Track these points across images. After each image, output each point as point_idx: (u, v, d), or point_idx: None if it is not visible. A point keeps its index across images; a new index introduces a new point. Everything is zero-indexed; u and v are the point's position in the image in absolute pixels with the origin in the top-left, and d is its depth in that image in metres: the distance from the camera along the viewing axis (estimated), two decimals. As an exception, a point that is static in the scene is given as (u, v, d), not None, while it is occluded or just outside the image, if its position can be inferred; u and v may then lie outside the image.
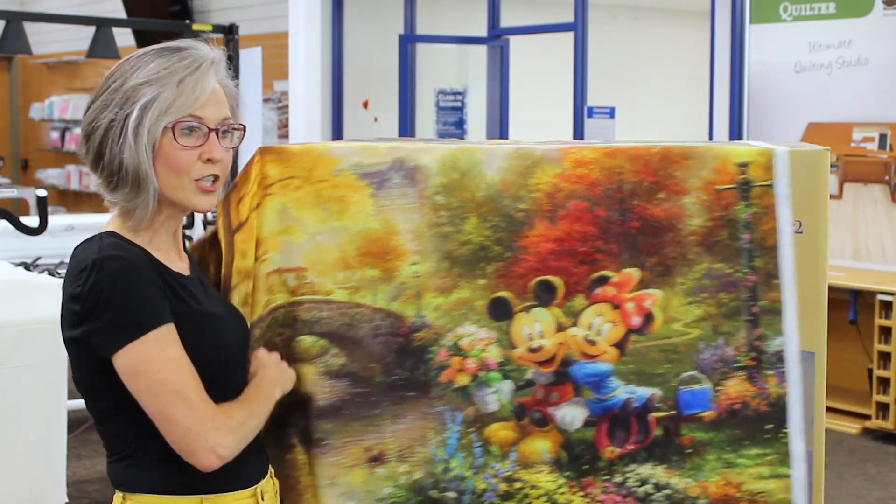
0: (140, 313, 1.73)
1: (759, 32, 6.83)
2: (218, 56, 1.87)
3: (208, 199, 1.85)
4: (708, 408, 1.94)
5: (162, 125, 1.79)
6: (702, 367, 1.94)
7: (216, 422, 1.76)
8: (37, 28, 10.99)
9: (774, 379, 1.94)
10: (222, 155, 1.84)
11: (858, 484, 5.09)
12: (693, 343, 1.94)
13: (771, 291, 1.93)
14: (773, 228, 1.93)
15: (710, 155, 1.93)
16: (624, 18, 10.49)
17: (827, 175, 1.97)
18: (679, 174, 1.92)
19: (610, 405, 1.94)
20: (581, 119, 7.47)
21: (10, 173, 12.97)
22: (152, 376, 1.73)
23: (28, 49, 6.90)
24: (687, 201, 1.93)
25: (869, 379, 5.97)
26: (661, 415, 1.94)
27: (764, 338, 1.94)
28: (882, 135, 6.27)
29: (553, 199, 1.93)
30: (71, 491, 4.03)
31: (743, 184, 1.93)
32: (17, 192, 8.45)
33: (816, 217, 1.96)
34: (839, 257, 6.33)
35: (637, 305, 1.94)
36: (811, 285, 1.96)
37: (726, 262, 1.93)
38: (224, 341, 1.86)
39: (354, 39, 8.79)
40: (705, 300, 1.94)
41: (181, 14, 10.28)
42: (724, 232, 1.93)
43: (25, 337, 3.49)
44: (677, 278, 1.94)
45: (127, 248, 1.79)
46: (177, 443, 1.75)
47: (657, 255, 1.93)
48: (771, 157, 1.93)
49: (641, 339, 1.94)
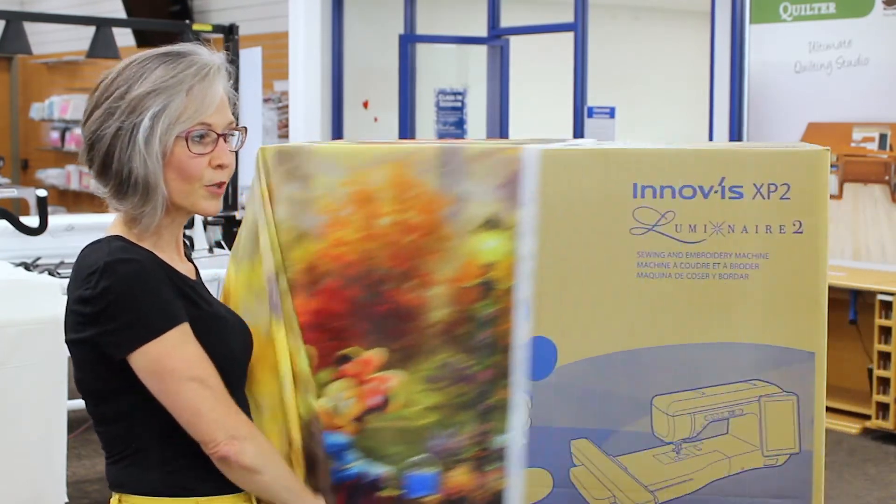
0: (158, 313, 1.76)
1: (759, 32, 6.83)
2: (221, 61, 1.88)
3: (216, 202, 1.89)
4: (434, 492, 2.01)
5: (174, 134, 1.80)
6: (433, 452, 2.00)
7: (240, 418, 1.81)
8: (37, 28, 10.99)
9: (496, 474, 2.00)
10: (231, 160, 1.87)
11: (858, 484, 5.09)
12: (427, 428, 2.00)
13: (502, 389, 1.99)
14: (510, 329, 1.98)
15: (459, 252, 1.99)
16: (624, 18, 10.50)
17: (827, 175, 1.97)
18: (428, 266, 1.98)
19: (346, 476, 2.01)
20: (581, 119, 7.47)
21: (10, 173, 12.98)
22: (177, 372, 1.76)
23: (28, 49, 6.90)
24: (434, 293, 1.99)
25: (869, 379, 5.97)
26: (388, 494, 2.01)
27: (491, 432, 2.00)
28: (882, 135, 6.27)
29: (311, 274, 2.00)
30: (71, 491, 4.03)
31: (485, 284, 1.98)
32: (17, 192, 8.45)
33: (816, 217, 1.96)
34: (839, 257, 6.33)
35: (377, 385, 2.00)
36: (811, 285, 1.96)
37: (464, 355, 1.99)
38: (230, 345, 1.88)
39: (354, 39, 8.79)
40: (442, 389, 2.00)
41: (181, 14, 10.28)
42: (465, 327, 1.99)
43: (25, 337, 3.49)
44: (418, 364, 2.00)
45: (136, 251, 1.80)
46: (203, 433, 1.78)
47: (401, 340, 2.00)
48: (512, 263, 1.97)
49: (379, 418, 2.00)
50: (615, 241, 1.98)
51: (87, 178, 12.08)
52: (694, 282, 1.97)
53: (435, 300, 2.00)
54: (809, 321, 1.96)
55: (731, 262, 1.97)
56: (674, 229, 1.97)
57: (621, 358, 1.99)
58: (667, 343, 1.98)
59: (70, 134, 12.50)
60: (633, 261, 1.98)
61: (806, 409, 1.97)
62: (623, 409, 1.99)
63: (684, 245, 1.97)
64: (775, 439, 1.98)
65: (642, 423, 1.99)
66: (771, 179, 1.95)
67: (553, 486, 2.01)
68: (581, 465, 2.00)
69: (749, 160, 1.97)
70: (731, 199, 1.96)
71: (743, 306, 1.97)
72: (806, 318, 1.96)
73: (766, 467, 1.99)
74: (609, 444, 1.99)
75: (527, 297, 1.98)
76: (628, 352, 1.98)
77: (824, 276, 1.97)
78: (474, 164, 1.98)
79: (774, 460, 1.99)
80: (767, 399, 1.98)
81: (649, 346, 1.98)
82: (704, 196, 1.96)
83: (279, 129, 9.52)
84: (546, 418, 2.00)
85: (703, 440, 1.99)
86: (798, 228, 1.95)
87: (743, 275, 1.97)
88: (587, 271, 1.98)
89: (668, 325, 1.98)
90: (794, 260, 1.96)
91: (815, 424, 1.97)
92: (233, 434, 1.78)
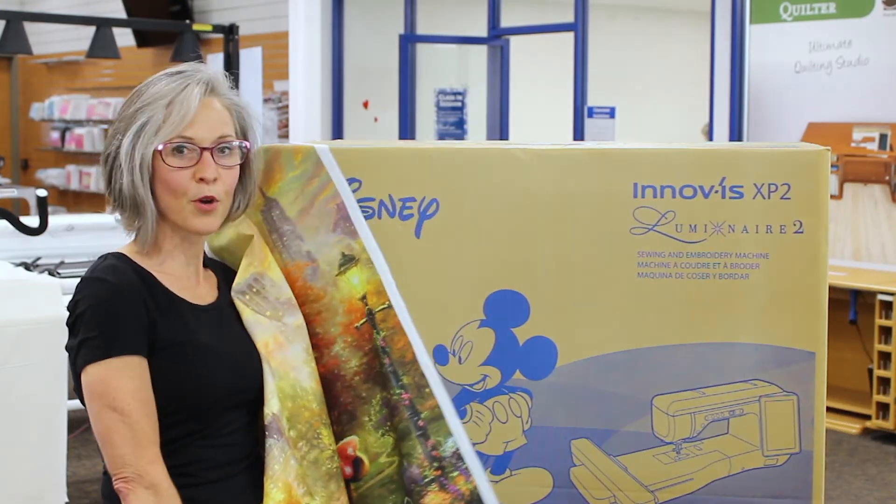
0: (109, 338, 1.75)
1: (759, 32, 6.83)
2: (211, 75, 1.86)
3: (206, 219, 1.84)
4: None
5: (152, 148, 1.80)
6: (406, 489, 2.01)
7: (152, 467, 1.75)
8: (37, 28, 10.99)
9: (462, 478, 2.00)
10: (217, 174, 1.83)
11: (858, 484, 5.09)
12: (398, 469, 2.01)
13: (427, 401, 2.00)
14: (408, 343, 1.99)
15: (338, 298, 2.00)
16: (624, 18, 10.50)
17: (827, 175, 1.97)
18: (323, 329, 2.01)
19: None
20: (581, 119, 7.47)
21: (10, 173, 12.97)
22: (104, 399, 1.75)
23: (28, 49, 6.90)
24: (338, 349, 2.01)
25: (869, 379, 5.97)
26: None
27: (438, 445, 2.00)
28: (882, 135, 6.27)
29: None
30: (71, 491, 4.03)
31: (369, 314, 2.00)
32: (17, 192, 8.45)
33: (816, 217, 1.96)
34: (839, 257, 6.33)
35: (343, 456, 2.00)
36: (811, 285, 1.97)
37: (386, 389, 2.01)
38: (209, 376, 1.83)
39: (354, 39, 8.79)
40: (390, 427, 2.02)
41: (181, 14, 10.27)
42: (376, 362, 2.01)
43: (25, 337, 3.49)
44: (363, 418, 2.01)
45: (119, 272, 1.80)
46: (109, 463, 1.77)
47: (337, 406, 2.01)
48: (378, 283, 1.99)
49: (361, 484, 2.02)
50: (615, 240, 1.98)
51: (87, 178, 12.11)
52: (694, 282, 1.97)
53: (343, 353, 2.01)
54: (810, 321, 1.96)
55: (732, 261, 1.97)
56: (674, 229, 1.97)
57: (621, 358, 1.99)
58: (667, 343, 1.98)
59: (70, 134, 12.49)
60: (634, 261, 1.98)
61: (806, 409, 1.97)
62: (623, 408, 1.99)
63: (685, 245, 1.97)
64: (775, 439, 1.98)
65: (642, 422, 1.99)
66: (771, 179, 1.95)
67: (553, 486, 2.01)
68: (581, 464, 2.00)
69: (749, 160, 1.97)
70: (732, 199, 1.96)
71: (743, 306, 1.97)
72: (806, 318, 1.96)
73: (766, 467, 1.99)
74: (609, 443, 1.99)
75: (402, 306, 2.00)
76: (628, 352, 1.98)
77: (824, 276, 1.97)
78: (303, 223, 2.01)
79: (775, 460, 1.99)
80: (768, 399, 1.98)
81: (649, 346, 1.98)
82: (705, 196, 1.96)
83: (279, 129, 9.52)
84: (546, 418, 2.00)
85: (703, 440, 1.99)
86: (798, 228, 1.95)
87: (743, 275, 1.97)
88: (587, 271, 1.98)
89: (669, 324, 1.98)
90: (794, 260, 1.96)
91: (816, 424, 1.97)
92: (137, 475, 1.74)
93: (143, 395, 1.76)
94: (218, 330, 1.88)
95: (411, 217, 2.00)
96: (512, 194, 1.99)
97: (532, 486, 2.01)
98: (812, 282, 1.96)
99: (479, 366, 2.00)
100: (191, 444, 1.83)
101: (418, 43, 8.57)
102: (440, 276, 2.00)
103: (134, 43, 10.56)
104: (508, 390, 2.00)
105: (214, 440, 1.85)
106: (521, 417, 2.01)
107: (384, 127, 8.69)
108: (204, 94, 1.83)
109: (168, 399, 1.79)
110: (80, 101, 12.32)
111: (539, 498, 2.01)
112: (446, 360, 2.00)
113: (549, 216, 1.98)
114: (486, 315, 2.00)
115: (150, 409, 1.77)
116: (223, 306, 1.93)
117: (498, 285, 2.00)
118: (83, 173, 12.27)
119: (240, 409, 1.89)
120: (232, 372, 1.86)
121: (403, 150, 2.08)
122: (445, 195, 2.00)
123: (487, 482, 2.00)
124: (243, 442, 1.90)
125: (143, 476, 1.74)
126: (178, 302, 1.84)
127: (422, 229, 2.00)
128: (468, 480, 2.00)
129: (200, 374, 1.82)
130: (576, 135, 7.50)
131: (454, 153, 2.04)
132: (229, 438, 1.87)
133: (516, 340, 2.00)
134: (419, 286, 2.01)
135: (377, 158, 2.03)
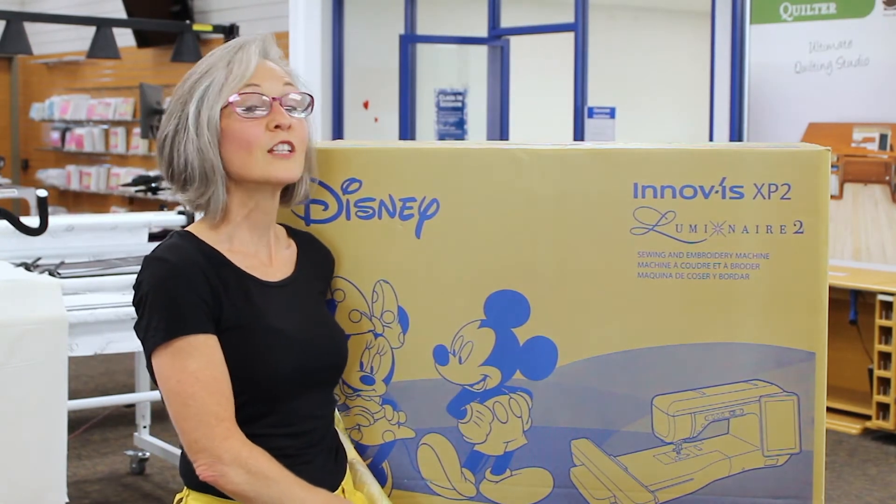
0: (169, 320, 1.72)
1: (759, 32, 6.83)
2: (264, 36, 1.84)
3: (286, 163, 1.79)
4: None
5: (219, 106, 1.77)
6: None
7: (227, 443, 1.71)
8: (37, 28, 10.99)
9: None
10: (291, 121, 1.80)
11: (858, 484, 5.09)
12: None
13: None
14: None
15: None
16: (624, 18, 10.50)
17: (827, 175, 1.97)
18: None
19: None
20: (581, 119, 7.47)
21: (11, 173, 12.97)
22: (168, 384, 1.73)
23: (28, 49, 6.90)
24: None
25: (869, 379, 5.97)
26: None
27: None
28: (882, 135, 6.27)
29: None
30: (71, 491, 4.03)
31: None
32: (17, 192, 8.45)
33: (816, 217, 1.96)
34: (839, 257, 6.33)
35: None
36: (811, 285, 1.97)
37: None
38: (276, 359, 1.78)
39: (354, 39, 8.79)
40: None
41: (181, 14, 10.27)
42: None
43: (25, 337, 3.49)
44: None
45: (180, 251, 1.76)
46: (187, 451, 1.74)
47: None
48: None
49: None
50: (615, 241, 1.98)
51: (87, 178, 12.10)
52: (694, 282, 1.97)
53: None
54: (810, 321, 1.96)
55: (732, 262, 1.97)
56: (674, 229, 1.97)
57: (621, 358, 1.99)
58: (667, 343, 1.98)
59: (70, 134, 12.49)
60: (634, 261, 1.98)
61: (806, 409, 1.97)
62: (623, 409, 1.99)
63: (685, 245, 1.97)
64: (776, 439, 1.98)
65: (643, 423, 1.99)
66: (772, 179, 1.95)
67: (553, 486, 2.01)
68: (581, 464, 2.00)
69: (750, 160, 1.97)
70: (732, 199, 1.96)
71: (743, 306, 1.97)
72: (806, 318, 1.96)
73: (766, 467, 1.99)
74: (609, 444, 1.99)
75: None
76: (628, 352, 1.98)
77: (825, 276, 1.97)
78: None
79: (775, 460, 1.99)
80: (768, 399, 1.98)
81: (649, 346, 1.98)
82: (705, 196, 1.96)
83: (279, 129, 9.51)
84: (546, 418, 2.00)
85: (703, 440, 1.99)
86: (799, 228, 1.95)
87: (743, 275, 1.97)
88: (587, 271, 1.98)
89: (669, 325, 1.98)
90: (794, 260, 1.96)
91: (816, 424, 1.97)
92: (215, 458, 1.70)
93: (208, 374, 1.71)
94: (288, 309, 1.83)
95: (411, 217, 2.00)
96: (512, 194, 1.99)
97: (532, 486, 2.01)
98: (812, 282, 1.96)
99: (479, 366, 2.00)
100: (262, 428, 1.78)
101: (418, 43, 8.57)
102: (440, 276, 2.00)
103: (134, 43, 10.56)
104: (509, 390, 2.00)
105: (286, 427, 1.81)
106: (521, 417, 2.01)
107: (384, 127, 8.68)
108: (259, 55, 1.81)
109: (235, 379, 1.75)
110: (81, 102, 12.33)
111: (539, 498, 2.01)
112: (446, 360, 2.00)
113: (549, 216, 1.99)
114: (487, 315, 2.00)
115: (217, 386, 1.72)
116: (299, 281, 1.88)
117: (498, 285, 2.00)
118: (83, 173, 12.28)
119: (310, 392, 1.84)
120: (299, 355, 1.80)
121: (404, 150, 2.08)
122: (446, 195, 2.00)
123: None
124: (313, 429, 1.85)
125: (220, 457, 1.70)
126: (246, 280, 1.79)
127: (422, 229, 2.00)
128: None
129: (265, 360, 1.77)
130: (576, 135, 7.50)
131: (454, 153, 2.04)
132: (299, 427, 1.82)
133: (516, 340, 2.00)
134: (419, 286, 2.01)
135: (377, 158, 2.03)
